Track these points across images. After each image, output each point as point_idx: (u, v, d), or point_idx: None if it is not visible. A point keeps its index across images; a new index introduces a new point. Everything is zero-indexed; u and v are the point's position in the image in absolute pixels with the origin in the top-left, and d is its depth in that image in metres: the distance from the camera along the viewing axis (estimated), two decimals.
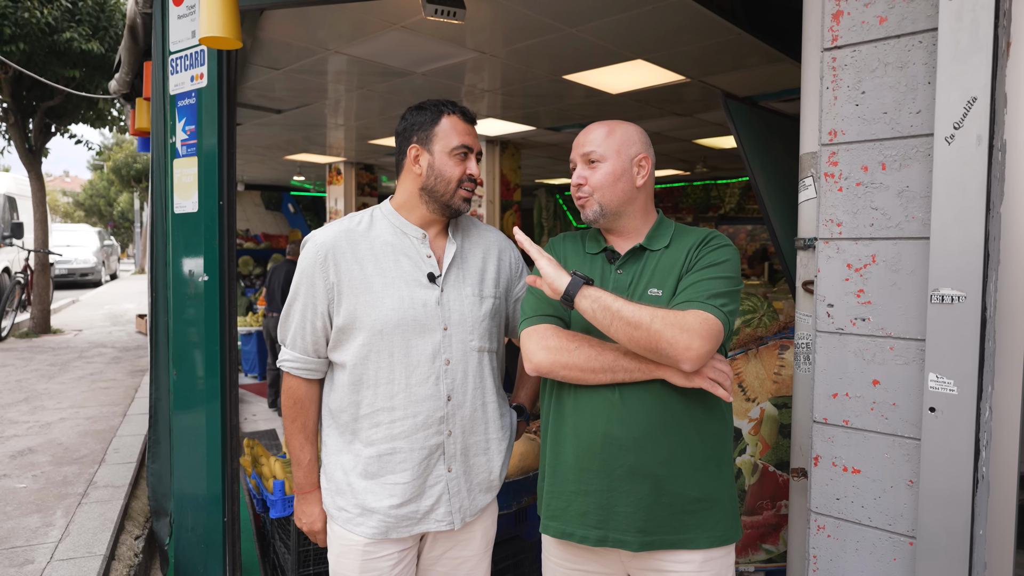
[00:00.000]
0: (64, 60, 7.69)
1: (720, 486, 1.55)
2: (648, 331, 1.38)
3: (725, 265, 1.52)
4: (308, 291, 1.67)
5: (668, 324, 1.38)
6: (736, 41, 4.08)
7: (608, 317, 1.42)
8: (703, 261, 1.53)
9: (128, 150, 24.60)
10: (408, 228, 1.72)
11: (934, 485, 1.45)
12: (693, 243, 1.57)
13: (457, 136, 1.67)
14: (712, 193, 12.12)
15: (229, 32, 2.22)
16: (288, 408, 1.74)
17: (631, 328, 1.39)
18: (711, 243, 1.56)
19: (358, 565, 1.67)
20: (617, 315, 1.41)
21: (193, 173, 2.63)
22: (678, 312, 1.41)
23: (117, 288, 18.20)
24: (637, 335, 1.39)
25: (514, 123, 6.87)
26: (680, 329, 1.38)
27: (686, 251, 1.56)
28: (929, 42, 1.47)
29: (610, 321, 1.42)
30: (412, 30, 3.97)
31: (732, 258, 1.54)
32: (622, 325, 1.40)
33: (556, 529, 1.59)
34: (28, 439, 4.42)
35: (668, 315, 1.40)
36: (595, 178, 1.58)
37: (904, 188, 1.51)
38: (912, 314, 1.51)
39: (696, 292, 1.47)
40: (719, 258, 1.53)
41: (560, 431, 1.59)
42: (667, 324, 1.38)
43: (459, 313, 1.69)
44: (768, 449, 2.37)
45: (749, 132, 2.48)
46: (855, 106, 1.58)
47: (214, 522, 2.69)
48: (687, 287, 1.49)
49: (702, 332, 1.38)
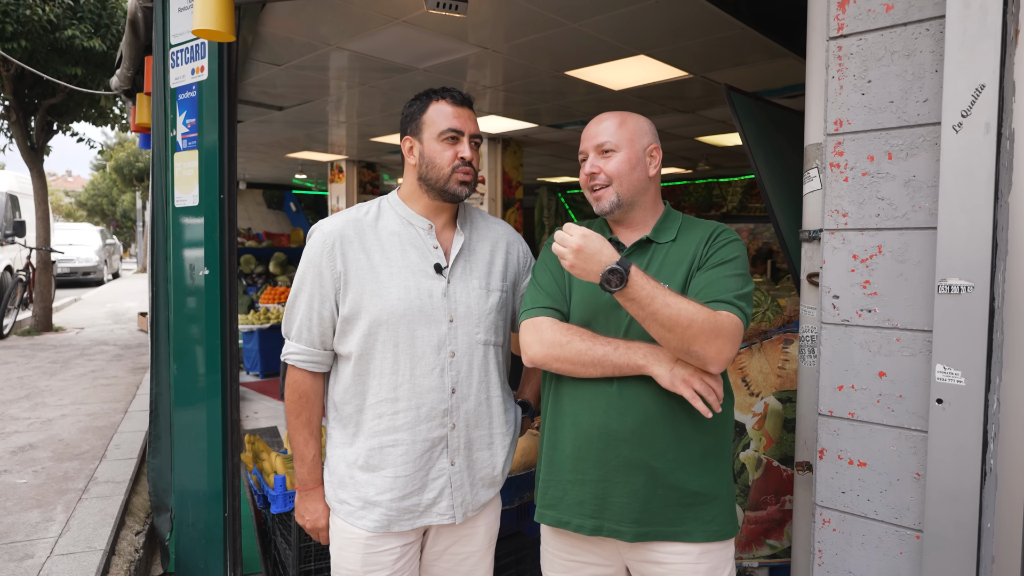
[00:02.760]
0: (66, 57, 7.69)
1: (718, 481, 1.55)
2: (684, 335, 1.37)
3: (738, 261, 1.52)
4: (315, 280, 1.66)
5: (704, 330, 1.37)
6: (739, 36, 4.07)
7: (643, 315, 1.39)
8: (717, 257, 1.52)
9: (130, 149, 24.61)
10: (415, 219, 1.71)
11: (941, 478, 1.44)
12: (702, 238, 1.56)
13: (445, 120, 1.65)
14: (714, 191, 12.09)
15: (222, 25, 2.21)
16: (292, 402, 1.72)
17: (665, 331, 1.39)
18: (720, 238, 1.56)
19: (360, 559, 1.65)
20: (656, 317, 1.38)
21: (194, 167, 2.62)
22: (714, 314, 1.39)
23: (119, 287, 18.21)
24: (674, 337, 1.39)
25: (516, 120, 6.85)
26: (715, 334, 1.38)
27: (694, 246, 1.56)
28: (936, 30, 1.45)
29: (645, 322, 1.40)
30: (414, 25, 3.95)
31: (742, 254, 1.55)
32: (658, 329, 1.39)
33: (552, 518, 1.59)
34: (29, 435, 4.42)
35: (704, 319, 1.37)
36: (610, 166, 1.57)
37: (911, 178, 1.50)
38: (919, 305, 1.49)
39: (720, 290, 1.46)
40: (731, 254, 1.53)
41: (558, 421, 1.59)
42: (703, 330, 1.37)
43: (465, 305, 1.68)
44: (772, 444, 2.35)
45: (753, 125, 2.46)
46: (861, 95, 1.56)
47: (215, 517, 2.68)
48: (706, 285, 1.48)
49: (733, 336, 1.41)
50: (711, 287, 1.48)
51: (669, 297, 1.38)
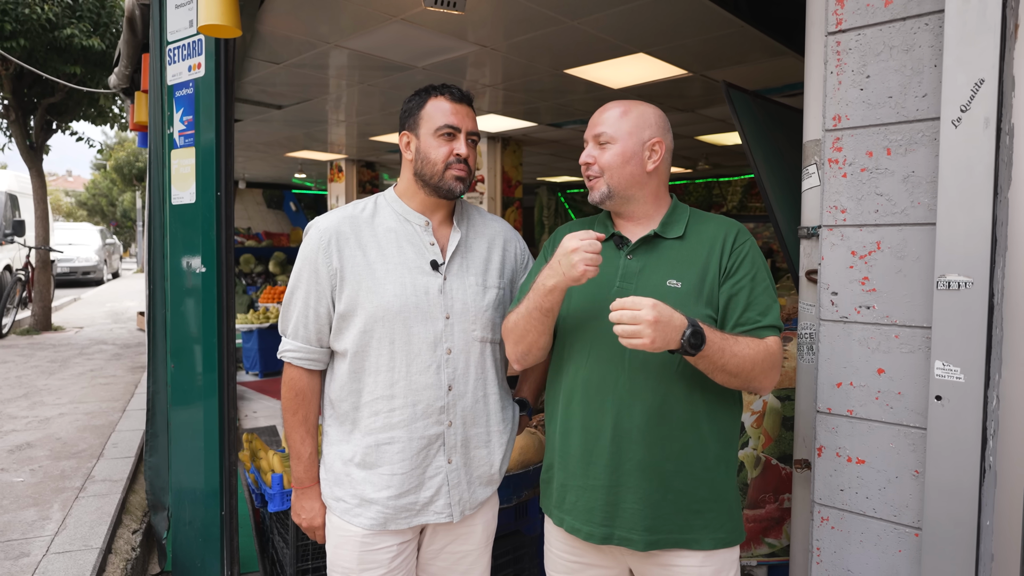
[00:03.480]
0: (65, 56, 7.68)
1: (727, 487, 1.53)
2: (747, 376, 1.41)
3: (762, 268, 1.53)
4: (311, 277, 1.65)
5: (764, 370, 1.42)
6: (738, 34, 4.06)
7: (711, 368, 1.40)
8: (745, 268, 1.51)
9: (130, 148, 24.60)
10: (411, 215, 1.70)
11: (940, 475, 1.43)
12: (716, 239, 1.53)
13: (441, 116, 1.65)
14: (714, 191, 12.08)
15: (228, 20, 2.21)
16: (289, 400, 1.72)
17: (730, 377, 1.41)
18: (740, 244, 1.54)
19: (356, 556, 1.64)
20: (725, 368, 1.39)
21: (191, 164, 2.61)
22: (767, 348, 1.43)
23: (119, 286, 18.21)
24: (736, 381, 1.42)
25: (515, 119, 6.85)
26: (771, 367, 1.44)
27: (708, 247, 1.52)
28: (935, 24, 1.44)
29: (712, 372, 1.41)
30: (413, 23, 3.95)
31: (760, 255, 1.55)
32: (724, 377, 1.41)
33: (562, 522, 1.58)
34: (27, 434, 4.41)
35: (763, 359, 1.41)
36: (603, 159, 1.55)
37: (910, 173, 1.49)
38: (918, 301, 1.48)
39: (761, 312, 1.48)
40: (756, 261, 1.53)
41: (569, 423, 1.57)
42: (764, 370, 1.42)
43: (462, 302, 1.67)
44: (771, 442, 2.35)
45: (752, 123, 2.45)
46: (860, 91, 1.55)
47: (212, 516, 2.68)
48: (747, 307, 1.48)
49: (780, 359, 1.46)
50: (752, 308, 1.48)
51: (734, 346, 1.38)
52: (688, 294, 1.47)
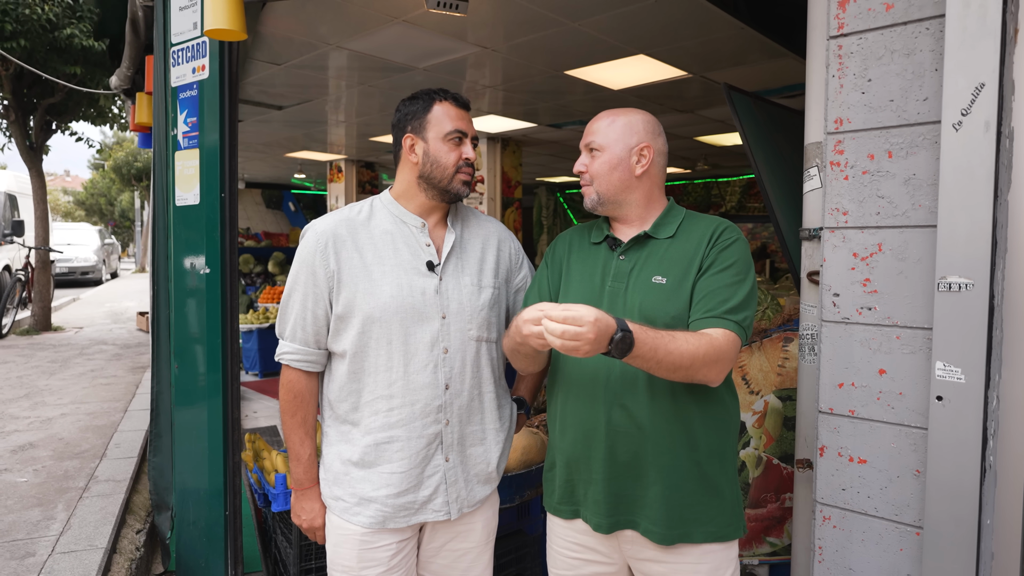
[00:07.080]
0: (65, 57, 7.67)
1: (722, 481, 1.55)
2: (688, 371, 1.41)
3: (739, 265, 1.52)
4: (308, 280, 1.67)
5: (706, 362, 1.41)
6: (738, 36, 4.07)
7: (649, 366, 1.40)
8: (719, 262, 1.52)
9: (128, 148, 24.60)
10: (407, 217, 1.72)
11: (941, 475, 1.44)
12: (703, 236, 1.56)
13: (450, 121, 1.67)
14: (713, 191, 12.09)
15: (234, 24, 2.22)
16: (287, 403, 1.73)
17: (670, 373, 1.41)
18: (722, 239, 1.55)
19: (356, 555, 1.66)
20: (660, 365, 1.39)
21: (195, 165, 2.62)
22: (711, 341, 1.41)
23: (118, 286, 18.19)
24: (678, 375, 1.42)
25: (515, 120, 6.86)
26: (715, 361, 1.42)
27: (695, 243, 1.55)
28: (936, 28, 1.46)
29: (650, 370, 1.42)
30: (414, 24, 3.96)
31: (744, 255, 1.54)
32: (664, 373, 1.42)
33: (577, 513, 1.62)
34: (29, 434, 4.41)
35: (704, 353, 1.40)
36: (593, 167, 1.61)
37: (911, 176, 1.51)
38: (919, 303, 1.50)
39: (717, 303, 1.47)
40: (732, 257, 1.52)
41: (566, 419, 1.61)
42: (705, 362, 1.41)
43: (458, 302, 1.69)
44: (772, 442, 2.36)
45: (753, 124, 2.47)
46: (861, 94, 1.57)
47: (216, 516, 2.69)
48: (705, 296, 1.49)
49: (731, 355, 1.45)
50: (709, 298, 1.48)
51: (670, 343, 1.37)
52: (672, 290, 1.51)
